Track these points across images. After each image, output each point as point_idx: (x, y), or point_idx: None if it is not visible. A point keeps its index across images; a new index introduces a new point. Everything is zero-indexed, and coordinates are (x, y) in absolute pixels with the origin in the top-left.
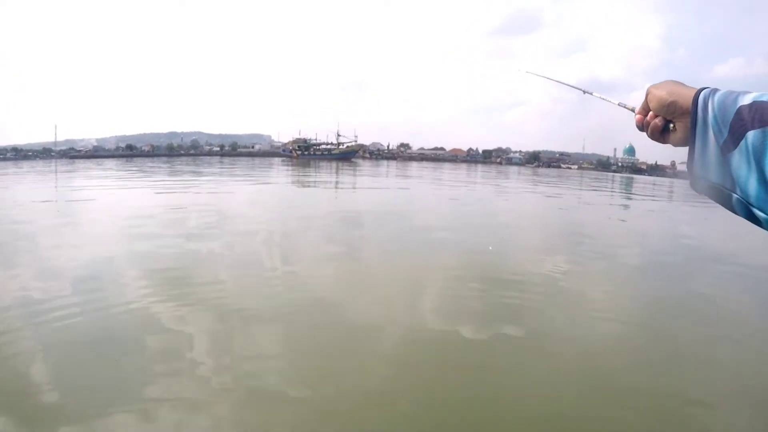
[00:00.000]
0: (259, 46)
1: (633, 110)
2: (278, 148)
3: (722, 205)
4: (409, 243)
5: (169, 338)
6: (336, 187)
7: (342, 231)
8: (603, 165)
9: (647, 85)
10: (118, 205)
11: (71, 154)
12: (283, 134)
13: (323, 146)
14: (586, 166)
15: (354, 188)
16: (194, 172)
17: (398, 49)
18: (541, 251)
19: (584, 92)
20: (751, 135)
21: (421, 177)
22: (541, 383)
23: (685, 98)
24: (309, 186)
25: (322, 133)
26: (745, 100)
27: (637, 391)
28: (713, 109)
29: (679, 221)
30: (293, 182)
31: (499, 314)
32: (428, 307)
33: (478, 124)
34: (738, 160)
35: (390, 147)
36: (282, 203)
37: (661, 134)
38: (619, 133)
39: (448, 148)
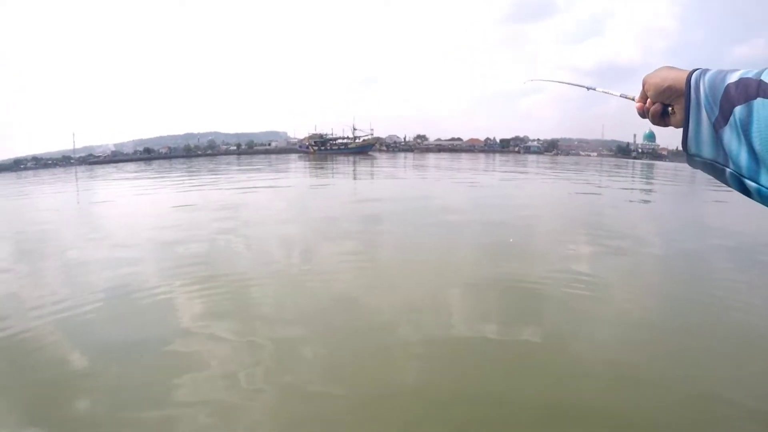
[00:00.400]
0: (270, 43)
1: (633, 99)
2: (294, 144)
3: (717, 179)
4: (431, 234)
5: (195, 326)
6: (355, 179)
7: (365, 223)
8: (623, 151)
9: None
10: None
11: (90, 160)
12: (299, 130)
13: (339, 141)
14: (605, 153)
15: (372, 179)
16: (215, 170)
17: (410, 41)
18: (563, 238)
19: (587, 89)
20: (738, 110)
21: (438, 167)
22: (563, 375)
23: (679, 81)
24: (329, 179)
25: (338, 127)
26: (733, 77)
27: (658, 382)
28: (704, 89)
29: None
30: (313, 176)
31: (520, 304)
32: (452, 299)
33: (495, 112)
34: (729, 135)
35: (406, 139)
36: (306, 197)
37: (661, 118)
38: (638, 118)
39: (465, 138)
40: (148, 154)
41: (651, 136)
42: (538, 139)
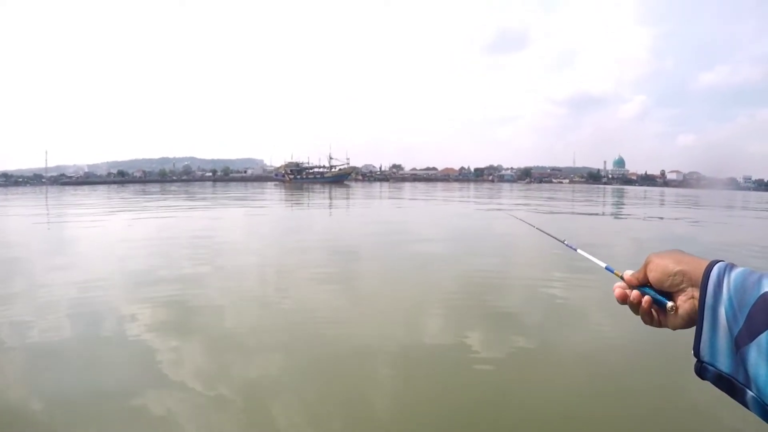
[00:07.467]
0: (249, 70)
1: (621, 277)
2: (271, 172)
3: (732, 397)
4: (404, 263)
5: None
6: (330, 210)
7: (339, 253)
8: (594, 178)
9: (637, 98)
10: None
11: (62, 180)
12: (276, 158)
13: (315, 170)
14: (577, 179)
15: (348, 212)
16: (190, 196)
17: (390, 69)
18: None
19: (567, 246)
20: None
21: (414, 198)
22: (547, 386)
23: (695, 269)
24: (303, 210)
25: (314, 156)
26: None
27: (637, 389)
28: (728, 289)
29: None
30: (287, 206)
31: (497, 322)
32: (430, 320)
33: (470, 141)
34: (756, 356)
35: (382, 168)
36: (280, 227)
37: (652, 315)
38: (608, 145)
39: (440, 167)
40: (122, 177)
41: (620, 162)
42: (512, 168)
